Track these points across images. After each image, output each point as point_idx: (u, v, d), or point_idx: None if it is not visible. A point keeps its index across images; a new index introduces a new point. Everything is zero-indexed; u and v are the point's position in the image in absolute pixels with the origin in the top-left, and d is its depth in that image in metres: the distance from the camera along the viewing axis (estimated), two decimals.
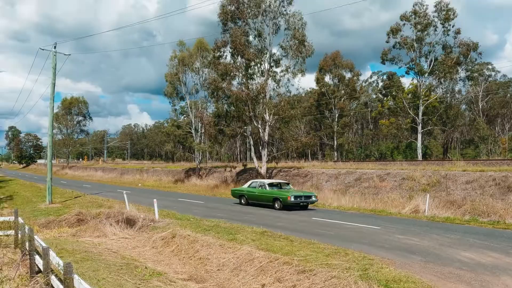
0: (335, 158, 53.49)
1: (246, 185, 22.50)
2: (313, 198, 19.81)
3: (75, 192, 30.69)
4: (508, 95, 61.72)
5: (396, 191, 20.99)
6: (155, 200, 17.42)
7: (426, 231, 13.22)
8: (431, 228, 14.15)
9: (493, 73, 62.68)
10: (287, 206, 19.15)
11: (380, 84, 60.26)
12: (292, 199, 18.82)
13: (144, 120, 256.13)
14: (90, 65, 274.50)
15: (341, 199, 21.38)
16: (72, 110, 77.86)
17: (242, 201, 22.00)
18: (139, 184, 41.41)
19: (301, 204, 19.34)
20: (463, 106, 61.54)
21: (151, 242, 13.98)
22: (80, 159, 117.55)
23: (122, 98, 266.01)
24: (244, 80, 30.49)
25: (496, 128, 60.83)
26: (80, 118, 79.75)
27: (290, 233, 12.81)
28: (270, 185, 20.92)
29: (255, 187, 21.36)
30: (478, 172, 19.43)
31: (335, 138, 56.08)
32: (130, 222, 17.02)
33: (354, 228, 13.88)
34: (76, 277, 6.22)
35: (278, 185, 21.25)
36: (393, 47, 43.79)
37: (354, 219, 16.09)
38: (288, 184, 22.07)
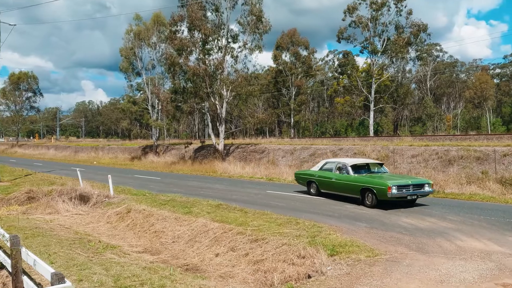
0: (292, 135, 54.52)
1: (317, 166, 15.54)
2: (427, 188, 12.59)
3: (26, 170, 29.53)
4: (454, 75, 65.06)
5: None
6: (109, 176, 17.19)
7: None
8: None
9: (441, 54, 65.63)
10: (386, 202, 12.40)
11: (336, 62, 61.43)
12: (394, 191, 11.81)
13: (99, 97, 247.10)
14: (39, 38, 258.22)
15: None
16: (20, 85, 73.51)
17: (312, 189, 15.34)
18: (94, 162, 40.36)
19: (409, 198, 12.40)
20: (413, 85, 64.23)
21: (105, 217, 13.90)
22: (31, 137, 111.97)
23: (75, 74, 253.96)
24: (202, 55, 30.12)
25: (442, 106, 64.22)
26: (30, 94, 75.49)
27: (244, 205, 13.18)
28: (355, 167, 13.83)
29: (331, 170, 14.47)
30: (423, 146, 20.63)
31: (292, 115, 56.95)
32: (84, 198, 16.77)
33: (306, 200, 14.47)
34: (23, 249, 6.18)
35: (366, 167, 14.31)
36: (349, 25, 44.65)
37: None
38: (381, 165, 14.66)
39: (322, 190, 14.88)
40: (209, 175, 25.52)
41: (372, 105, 44.83)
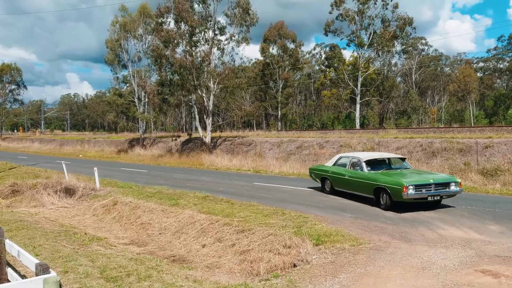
0: (279, 128, 54.69)
1: (331, 162, 13.91)
2: (453, 188, 10.62)
3: (10, 163, 29.06)
4: (439, 68, 65.89)
5: None
6: (95, 168, 17.06)
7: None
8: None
9: (426, 48, 66.32)
10: (402, 204, 10.67)
11: (323, 56, 61.62)
12: (411, 191, 10.05)
13: (85, 90, 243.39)
14: (22, 29, 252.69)
15: (282, 166, 22.13)
16: (3, 78, 72.02)
17: (326, 187, 13.78)
18: (80, 155, 39.91)
19: (430, 199, 10.51)
20: (398, 79, 64.85)
21: (91, 210, 13.83)
22: (15, 131, 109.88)
23: (59, 66, 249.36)
24: (188, 47, 29.92)
25: (427, 99, 65.06)
26: (13, 86, 73.99)
27: (231, 196, 13.24)
28: (371, 163, 12.07)
29: (345, 166, 12.79)
30: (408, 139, 20.94)
31: (279, 108, 57.05)
32: (69, 191, 16.64)
33: (293, 191, 14.59)
34: (7, 241, 6.12)
35: (386, 163, 12.55)
36: (336, 18, 44.72)
37: (294, 183, 16.85)
38: (403, 160, 12.88)
39: (336, 188, 13.22)
40: (196, 167, 25.50)
41: (358, 98, 45.16)
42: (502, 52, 65.70)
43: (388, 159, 12.78)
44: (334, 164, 13.52)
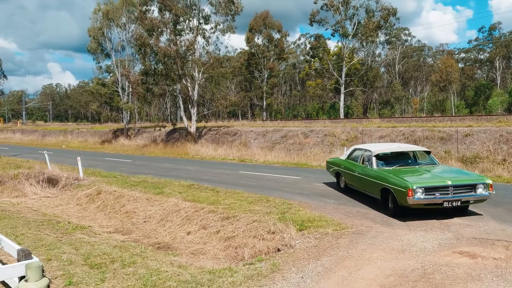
0: (264, 118, 54.74)
1: (345, 154, 12.17)
2: (480, 191, 8.43)
3: None
4: (421, 59, 66.68)
5: (319, 146, 22.31)
6: (78, 158, 16.87)
7: None
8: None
9: (409, 38, 66.94)
10: (411, 210, 8.60)
11: (308, 46, 61.62)
12: (420, 195, 8.12)
13: (67, 80, 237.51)
14: (2, 17, 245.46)
15: (267, 155, 22.24)
16: None
17: (341, 183, 12.09)
18: (63, 146, 39.33)
19: (446, 205, 8.27)
20: (382, 69, 65.44)
21: (75, 199, 13.71)
22: None
23: (41, 56, 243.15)
24: (173, 36, 29.58)
25: (410, 90, 65.89)
26: None
27: (216, 185, 13.28)
28: (383, 157, 10.22)
29: (356, 160, 11.00)
30: (391, 128, 21.24)
31: (264, 98, 57.06)
32: (52, 181, 16.42)
33: (277, 179, 14.71)
34: None
35: (404, 158, 10.57)
36: (321, 8, 44.83)
37: (278, 171, 16.97)
38: (428, 153, 10.72)
39: (348, 185, 11.47)
40: (182, 157, 25.42)
41: (342, 88, 45.48)
42: (482, 43, 66.82)
43: (407, 152, 10.74)
44: (347, 158, 11.70)
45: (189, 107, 31.21)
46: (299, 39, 73.94)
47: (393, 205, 8.74)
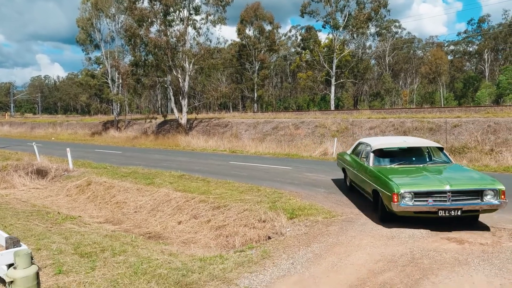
0: (255, 110, 54.66)
1: (351, 148, 10.82)
2: (488, 198, 6.89)
3: None
4: (411, 51, 67.00)
5: (309, 137, 22.38)
6: (68, 149, 16.72)
7: (332, 169, 14.41)
8: (337, 166, 15.50)
9: (399, 30, 67.14)
10: (396, 217, 7.38)
11: (299, 38, 61.49)
12: (408, 201, 6.90)
13: (56, 72, 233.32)
14: None
15: (258, 146, 22.26)
16: None
17: (347, 180, 10.78)
18: (52, 138, 38.91)
19: (442, 214, 6.87)
20: (372, 61, 65.60)
21: (65, 190, 13.62)
22: None
23: (29, 47, 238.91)
24: (163, 27, 29.31)
25: (400, 82, 66.26)
26: None
27: (207, 175, 13.28)
28: (383, 153, 8.88)
29: (359, 155, 9.76)
30: (381, 119, 21.38)
31: (255, 90, 56.94)
32: (41, 173, 16.29)
33: (268, 169, 14.75)
34: None
35: (409, 154, 8.96)
36: (312, 0, 44.67)
37: (269, 162, 17.01)
38: (441, 149, 9.09)
39: (351, 182, 10.22)
40: (172, 149, 25.33)
41: (333, 80, 45.55)
42: (471, 35, 67.29)
43: (415, 148, 8.97)
44: (352, 152, 10.39)
45: (180, 98, 31.04)
46: (290, 31, 73.84)
47: (381, 208, 7.52)
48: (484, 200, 6.82)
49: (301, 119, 25.16)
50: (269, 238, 7.47)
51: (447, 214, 6.80)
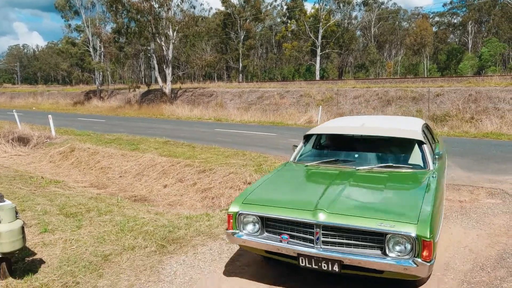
0: (240, 80, 54.20)
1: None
2: (397, 251, 3.32)
3: None
4: (397, 22, 66.63)
5: (294, 106, 22.43)
6: (49, 116, 16.43)
7: None
8: None
9: (385, 1, 66.56)
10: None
11: (285, 7, 60.45)
12: (250, 227, 3.87)
13: (35, 41, 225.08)
14: None
15: (243, 115, 22.26)
16: None
17: None
18: (33, 108, 38.07)
19: (306, 265, 3.57)
20: (358, 32, 65.21)
21: (48, 157, 13.47)
22: None
23: (5, 15, 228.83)
24: None
25: (385, 53, 66.22)
26: None
27: (192, 141, 13.29)
28: (318, 144, 6.03)
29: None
30: (365, 88, 21.50)
31: (240, 60, 56.27)
32: (23, 140, 16.03)
33: (253, 136, 14.84)
34: None
35: (367, 148, 5.16)
36: None
37: (254, 129, 17.09)
38: (419, 144, 4.73)
39: None
40: (157, 117, 25.13)
41: (318, 50, 45.30)
42: (456, 6, 67.21)
43: (368, 139, 5.37)
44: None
45: (164, 67, 30.54)
46: (275, 0, 72.41)
47: None
48: (388, 254, 3.37)
49: (286, 89, 25.11)
50: None
51: (313, 266, 3.57)
